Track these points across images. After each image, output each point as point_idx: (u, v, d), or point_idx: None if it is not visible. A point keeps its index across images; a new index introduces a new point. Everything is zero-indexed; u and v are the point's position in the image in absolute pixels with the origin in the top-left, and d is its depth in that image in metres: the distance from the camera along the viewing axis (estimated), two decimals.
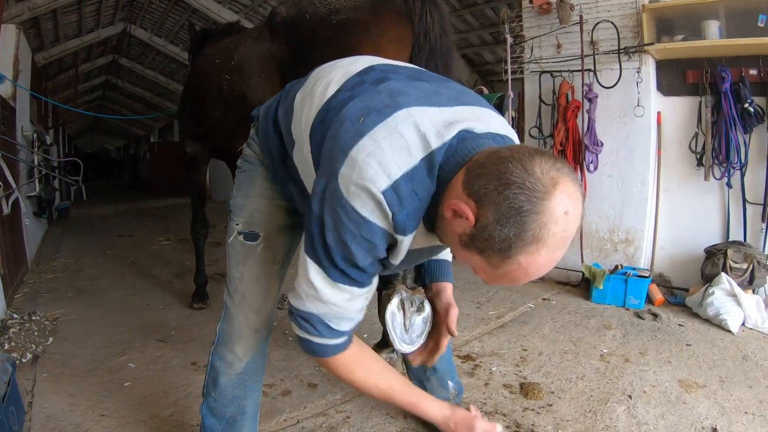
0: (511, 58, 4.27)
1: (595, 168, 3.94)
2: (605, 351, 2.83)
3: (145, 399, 2.30)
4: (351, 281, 1.19)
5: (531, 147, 1.03)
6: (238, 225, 1.53)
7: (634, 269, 3.69)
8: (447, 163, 1.09)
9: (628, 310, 3.50)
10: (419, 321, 1.53)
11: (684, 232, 3.78)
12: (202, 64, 3.30)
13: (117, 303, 3.70)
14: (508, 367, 2.63)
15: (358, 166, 1.06)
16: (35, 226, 5.64)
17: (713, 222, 3.67)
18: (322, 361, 1.34)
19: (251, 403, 1.63)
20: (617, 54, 3.76)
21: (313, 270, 1.18)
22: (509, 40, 4.22)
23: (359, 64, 1.33)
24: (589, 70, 3.89)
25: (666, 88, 3.80)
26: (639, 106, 3.75)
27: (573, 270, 4.10)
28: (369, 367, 1.37)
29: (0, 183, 3.65)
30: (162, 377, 2.52)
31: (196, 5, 7.59)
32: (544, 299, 3.77)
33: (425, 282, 1.66)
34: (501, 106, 4.52)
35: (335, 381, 2.47)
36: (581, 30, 3.86)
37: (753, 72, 3.41)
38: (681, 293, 3.67)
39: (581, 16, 3.86)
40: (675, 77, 3.75)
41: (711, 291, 3.27)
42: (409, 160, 1.08)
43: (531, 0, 4.13)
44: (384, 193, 1.06)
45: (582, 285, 3.98)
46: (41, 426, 2.06)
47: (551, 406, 2.24)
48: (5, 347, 2.77)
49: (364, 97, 1.18)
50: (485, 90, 5.18)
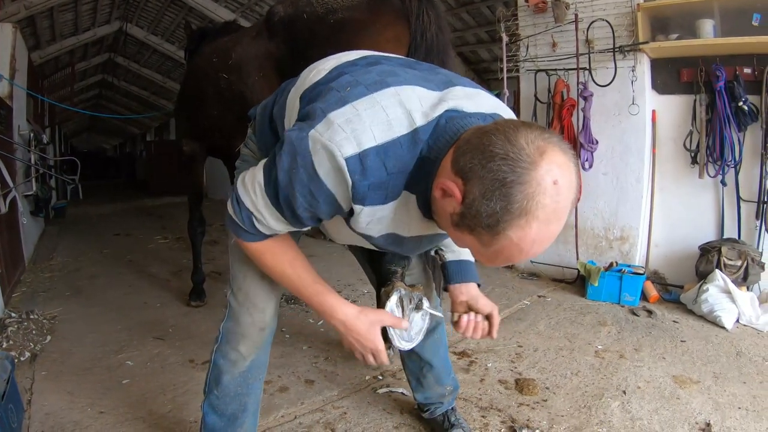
0: (507, 56, 4.28)
1: (591, 166, 3.96)
2: (600, 347, 2.85)
3: (144, 396, 2.31)
4: (282, 214, 1.20)
5: (519, 120, 1.00)
6: None
7: (629, 266, 3.71)
8: (436, 143, 1.08)
9: (623, 306, 3.52)
10: (418, 318, 1.54)
11: (679, 229, 3.81)
12: (199, 62, 3.30)
13: (114, 301, 3.71)
14: (503, 363, 2.64)
15: (332, 128, 1.06)
16: (32, 225, 5.63)
17: (708, 219, 3.70)
18: (238, 242, 1.36)
19: (253, 400, 1.63)
20: (612, 52, 3.78)
21: (260, 180, 1.20)
22: (505, 38, 4.23)
23: (353, 54, 1.35)
24: (585, 68, 3.91)
25: (661, 86, 3.83)
26: (634, 104, 3.77)
27: (568, 267, 4.13)
28: (279, 256, 1.35)
29: None
30: (160, 374, 2.54)
31: (192, 3, 7.56)
32: (539, 296, 3.79)
33: (449, 283, 1.65)
34: None
35: (332, 378, 2.49)
36: (576, 29, 3.89)
37: (747, 70, 3.44)
38: (675, 290, 3.69)
39: (576, 14, 3.88)
40: (670, 76, 3.78)
41: (705, 288, 3.29)
42: (388, 133, 1.07)
43: None
44: (347, 160, 1.05)
45: (577, 282, 4.01)
46: (40, 423, 2.07)
47: (546, 401, 2.26)
48: (3, 346, 2.78)
49: (354, 74, 1.19)
50: None
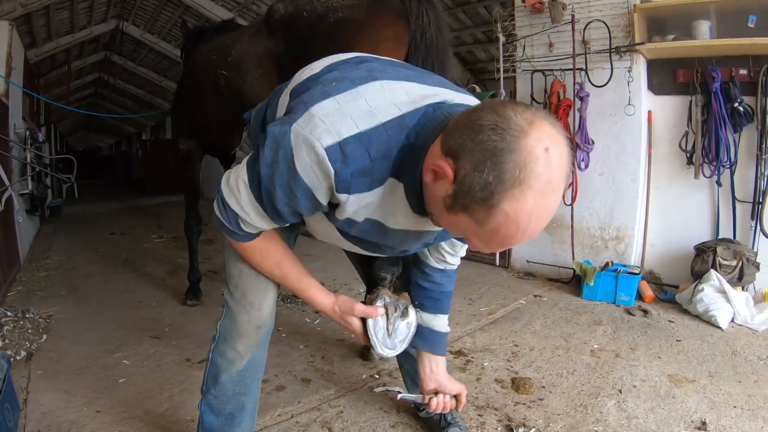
0: (504, 56, 4.29)
1: (587, 166, 3.97)
2: (596, 346, 2.86)
3: (140, 395, 2.31)
4: (264, 209, 1.22)
5: (506, 99, 1.01)
6: None
7: (624, 266, 3.73)
8: (423, 130, 1.08)
9: (618, 306, 3.53)
10: (403, 326, 1.54)
11: (674, 229, 3.82)
12: (198, 60, 3.29)
13: (110, 300, 3.70)
14: (499, 363, 2.65)
15: (312, 122, 1.07)
16: (28, 224, 5.61)
17: (703, 219, 3.71)
18: (230, 241, 1.40)
19: (250, 399, 1.63)
20: (609, 53, 3.79)
21: (245, 178, 1.21)
22: (502, 38, 4.25)
23: (347, 54, 1.35)
24: (581, 69, 3.92)
25: (657, 87, 3.84)
26: (630, 104, 3.79)
27: (564, 267, 4.15)
28: (267, 255, 1.41)
29: None
30: (156, 374, 2.53)
31: (188, 2, 7.53)
32: (535, 296, 3.80)
33: (417, 348, 1.70)
34: None
35: (329, 376, 2.49)
36: (573, 29, 3.90)
37: (743, 72, 3.45)
38: (671, 290, 3.71)
39: (573, 15, 3.90)
40: (666, 76, 3.79)
41: (701, 288, 3.31)
42: (370, 121, 1.07)
43: None
44: (327, 150, 1.05)
45: (573, 282, 4.02)
46: (37, 423, 2.06)
47: (542, 400, 2.27)
48: None
49: (343, 70, 1.20)
50: (477, 88, 5.20)
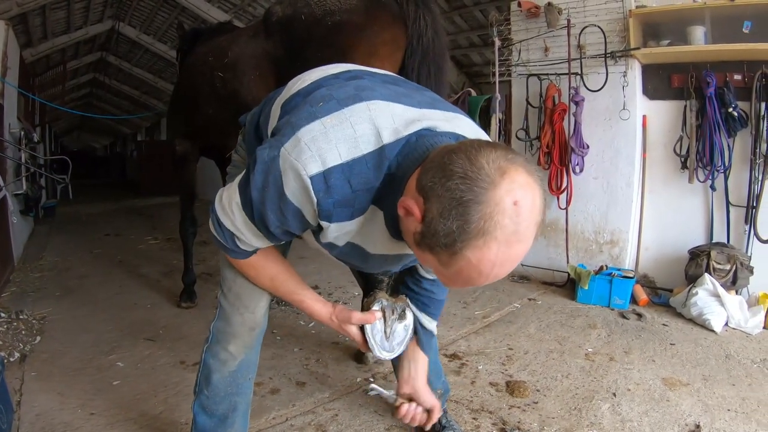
0: (499, 60, 4.31)
1: (581, 170, 3.99)
2: (590, 350, 2.87)
3: (135, 397, 2.30)
4: (260, 230, 1.23)
5: (485, 140, 1.00)
6: None
7: (618, 270, 3.74)
8: (404, 161, 1.09)
9: (612, 310, 3.54)
10: (400, 329, 1.54)
11: (668, 233, 3.84)
12: (194, 62, 3.29)
13: (105, 302, 3.69)
14: (494, 366, 2.66)
15: (299, 147, 1.08)
16: (22, 224, 5.58)
17: (697, 224, 3.73)
18: (225, 256, 1.41)
19: (243, 400, 1.64)
20: (604, 58, 3.82)
21: (237, 200, 1.22)
22: (497, 42, 4.26)
23: (339, 67, 1.37)
24: (576, 73, 3.94)
25: (652, 91, 3.86)
26: (625, 109, 3.81)
27: (558, 270, 4.16)
28: (262, 271, 1.42)
29: None
30: (151, 376, 2.53)
31: (185, 3, 7.54)
32: (530, 299, 3.81)
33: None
34: (488, 108, 4.57)
35: (323, 379, 2.49)
36: (569, 34, 3.92)
37: (737, 77, 3.48)
38: (665, 293, 3.72)
39: (569, 20, 3.91)
40: (661, 81, 3.81)
41: (695, 291, 3.32)
42: (353, 151, 1.08)
43: (519, 4, 4.19)
44: (312, 178, 1.07)
45: (567, 285, 4.03)
46: (30, 425, 2.06)
47: (537, 403, 2.28)
48: None
49: (331, 88, 1.21)
50: (473, 92, 5.20)
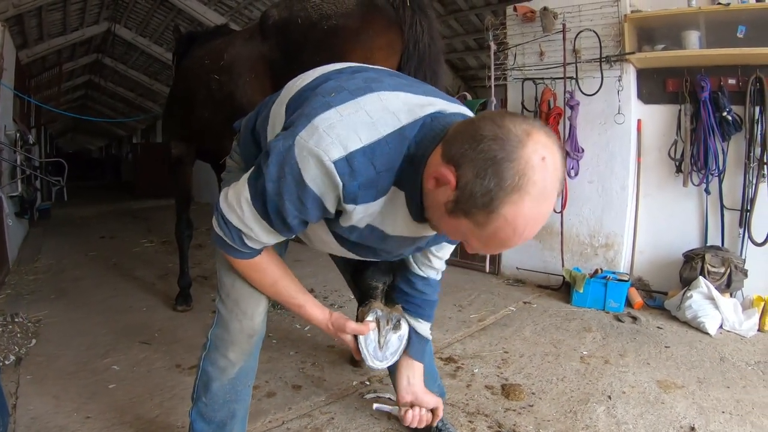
0: (495, 64, 4.32)
1: (576, 174, 4.00)
2: (585, 353, 2.88)
3: (131, 401, 2.30)
4: (272, 224, 1.24)
5: (503, 110, 1.06)
6: None
7: (613, 273, 3.75)
8: (423, 140, 1.12)
9: (607, 313, 3.56)
10: (395, 339, 1.54)
11: (663, 236, 3.85)
12: (191, 64, 3.30)
13: (100, 305, 3.68)
14: (489, 369, 2.66)
15: (317, 134, 1.09)
16: (17, 226, 5.57)
17: (691, 227, 3.74)
18: (226, 257, 1.41)
19: (241, 407, 1.64)
20: (599, 62, 3.83)
21: (246, 195, 1.22)
22: (493, 47, 4.28)
23: (341, 64, 1.39)
24: (571, 77, 3.95)
25: (646, 96, 3.88)
26: (620, 113, 3.82)
27: (554, 274, 4.17)
28: (265, 274, 1.43)
29: None
30: (147, 379, 2.52)
31: (181, 6, 7.53)
32: (525, 302, 3.82)
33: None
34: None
35: (319, 383, 2.49)
36: (564, 38, 3.93)
37: (731, 81, 3.49)
38: (660, 296, 3.73)
39: (564, 24, 3.93)
40: (655, 86, 3.83)
41: (689, 294, 3.33)
42: (373, 134, 1.11)
43: (515, 8, 4.21)
44: (335, 163, 1.08)
45: (562, 289, 4.04)
46: (26, 428, 2.05)
47: (532, 406, 2.28)
48: None
49: (339, 80, 1.24)
50: (468, 96, 5.22)
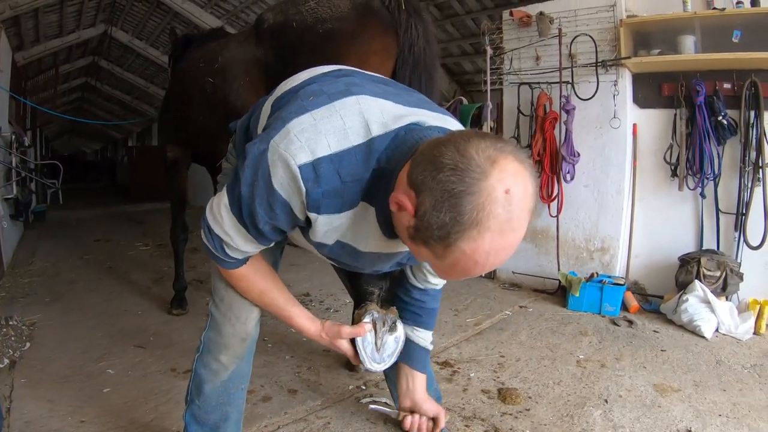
0: (491, 69, 4.33)
1: (572, 178, 4.01)
2: (581, 357, 2.88)
3: (125, 405, 2.28)
4: (248, 230, 1.24)
5: (473, 131, 1.01)
6: None
7: (609, 277, 3.76)
8: (394, 154, 1.10)
9: (603, 317, 3.56)
10: (391, 340, 1.55)
11: (658, 240, 3.85)
12: (186, 67, 3.29)
13: (95, 308, 3.66)
14: (486, 373, 2.66)
15: (288, 138, 1.09)
16: (11, 229, 5.54)
17: (687, 231, 3.75)
18: (217, 267, 1.42)
19: (235, 410, 1.63)
20: (595, 67, 3.85)
21: (225, 201, 1.23)
22: (489, 51, 4.28)
23: (330, 67, 1.39)
24: (567, 82, 3.97)
25: (642, 100, 3.89)
26: (615, 117, 3.83)
27: (549, 278, 4.17)
28: (252, 284, 1.43)
29: None
30: (142, 383, 2.51)
31: (177, 9, 7.54)
32: (521, 306, 3.82)
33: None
34: (480, 116, 4.59)
35: (315, 387, 2.48)
36: (560, 43, 3.94)
37: (727, 86, 3.51)
38: (656, 300, 3.74)
39: (560, 29, 3.94)
40: (651, 90, 3.84)
41: (685, 298, 3.34)
42: (342, 142, 1.10)
43: (511, 13, 4.22)
44: (300, 168, 1.08)
45: (558, 292, 4.04)
46: None
47: (529, 410, 2.28)
48: None
49: (322, 84, 1.23)
50: (464, 100, 5.23)
